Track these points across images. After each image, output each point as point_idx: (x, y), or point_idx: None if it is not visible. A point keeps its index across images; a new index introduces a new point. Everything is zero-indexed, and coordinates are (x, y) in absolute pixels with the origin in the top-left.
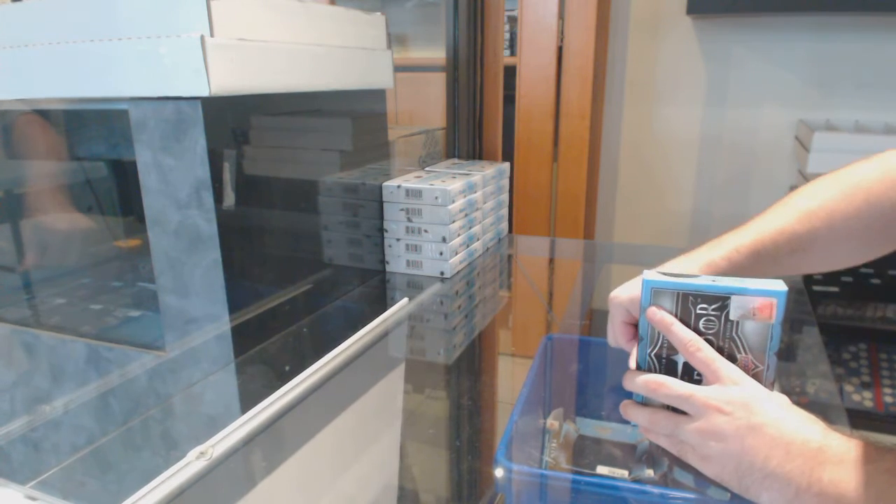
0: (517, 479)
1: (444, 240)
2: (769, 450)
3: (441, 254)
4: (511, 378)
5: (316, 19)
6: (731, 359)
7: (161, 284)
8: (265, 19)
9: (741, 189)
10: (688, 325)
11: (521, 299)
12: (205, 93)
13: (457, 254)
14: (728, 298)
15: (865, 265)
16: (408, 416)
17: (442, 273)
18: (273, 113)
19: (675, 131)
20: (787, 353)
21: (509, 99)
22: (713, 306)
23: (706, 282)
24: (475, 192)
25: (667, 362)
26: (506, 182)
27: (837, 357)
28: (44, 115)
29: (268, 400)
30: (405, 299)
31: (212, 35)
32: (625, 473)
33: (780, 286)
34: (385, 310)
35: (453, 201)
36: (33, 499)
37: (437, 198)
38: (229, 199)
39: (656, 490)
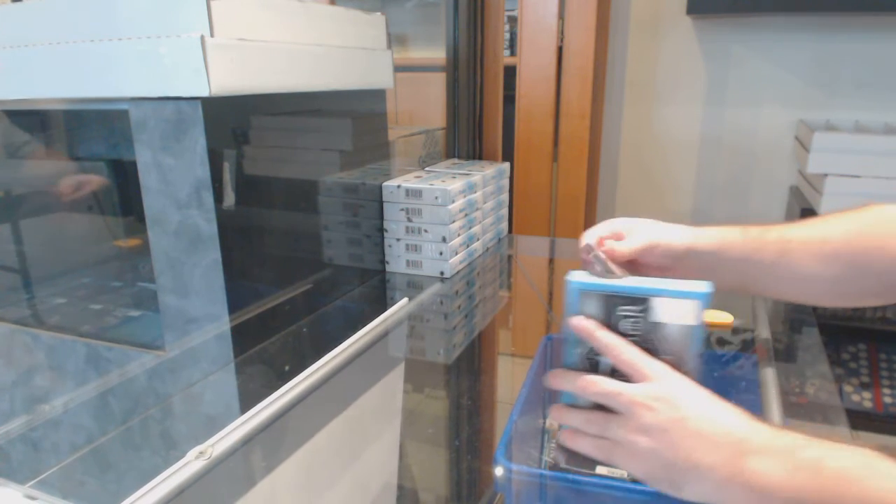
0: (516, 479)
1: (444, 240)
2: (693, 442)
3: (441, 254)
4: (511, 378)
5: (316, 19)
6: None
7: (161, 284)
8: (265, 19)
9: (741, 189)
10: (613, 327)
11: (521, 299)
12: (205, 93)
13: (457, 254)
14: (651, 300)
15: None
16: (407, 415)
17: (442, 273)
18: (273, 113)
19: (675, 131)
20: (786, 354)
21: (509, 99)
22: (637, 308)
23: (631, 283)
24: (475, 192)
25: (592, 363)
26: (506, 182)
27: (837, 357)
28: (44, 115)
29: (267, 400)
30: (405, 299)
31: (212, 35)
32: (624, 474)
33: (702, 288)
34: (385, 310)
35: (453, 201)
36: (33, 498)
37: (437, 198)
38: (229, 199)
39: (655, 490)
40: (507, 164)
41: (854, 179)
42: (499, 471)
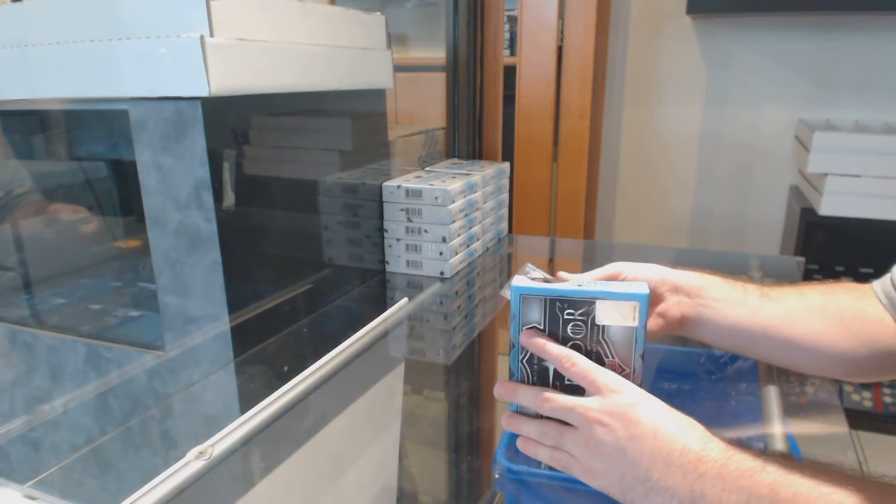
0: (516, 479)
1: (444, 240)
2: (650, 461)
3: (441, 254)
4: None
5: (316, 19)
6: (600, 363)
7: (161, 284)
8: (265, 19)
9: (741, 189)
10: (556, 331)
11: None
12: (205, 93)
13: (457, 254)
14: (593, 303)
15: (865, 265)
16: (407, 416)
17: (442, 273)
18: (273, 113)
19: (675, 131)
20: None
21: (509, 99)
22: (579, 311)
23: (572, 287)
24: (475, 192)
25: (538, 368)
26: (506, 182)
27: None
28: (44, 115)
29: (267, 400)
30: (405, 299)
31: (212, 35)
32: None
33: (642, 289)
34: (385, 310)
35: (453, 201)
36: (32, 498)
37: (437, 198)
38: (229, 199)
39: None
40: (507, 164)
41: (854, 179)
42: (498, 471)
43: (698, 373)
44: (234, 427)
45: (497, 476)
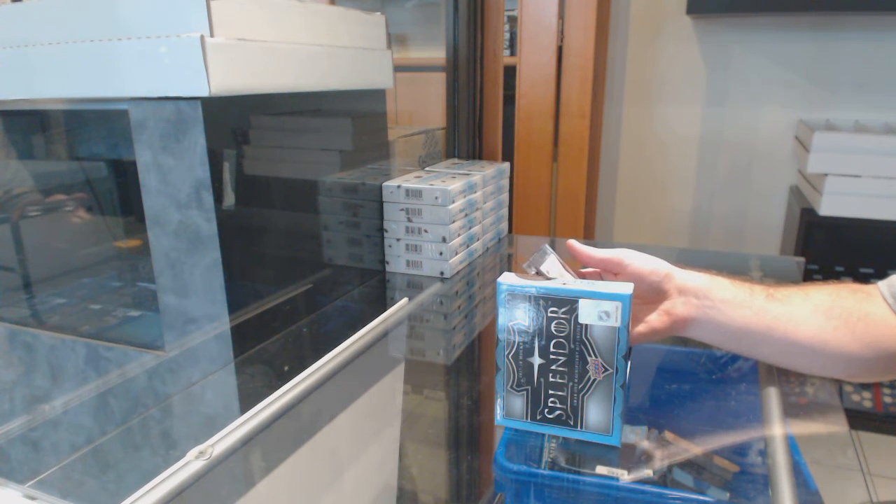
0: (517, 479)
1: (444, 240)
2: None
3: (441, 254)
4: None
5: (316, 19)
6: (583, 361)
7: (161, 284)
8: (265, 19)
9: (741, 189)
10: (541, 328)
11: None
12: (205, 93)
13: (457, 254)
14: (576, 301)
15: (865, 265)
16: (407, 416)
17: (442, 273)
18: (273, 113)
19: (675, 131)
20: None
21: (509, 99)
22: (563, 309)
23: (557, 285)
24: (475, 192)
25: (524, 364)
26: (506, 182)
27: None
28: (44, 115)
29: (267, 400)
30: (405, 299)
31: (212, 35)
32: (624, 473)
33: (625, 289)
34: (385, 310)
35: (453, 201)
36: (32, 498)
37: (437, 198)
38: (229, 199)
39: (655, 490)
40: (507, 164)
41: (854, 179)
42: (499, 471)
43: (698, 373)
44: (234, 427)
45: (497, 476)
